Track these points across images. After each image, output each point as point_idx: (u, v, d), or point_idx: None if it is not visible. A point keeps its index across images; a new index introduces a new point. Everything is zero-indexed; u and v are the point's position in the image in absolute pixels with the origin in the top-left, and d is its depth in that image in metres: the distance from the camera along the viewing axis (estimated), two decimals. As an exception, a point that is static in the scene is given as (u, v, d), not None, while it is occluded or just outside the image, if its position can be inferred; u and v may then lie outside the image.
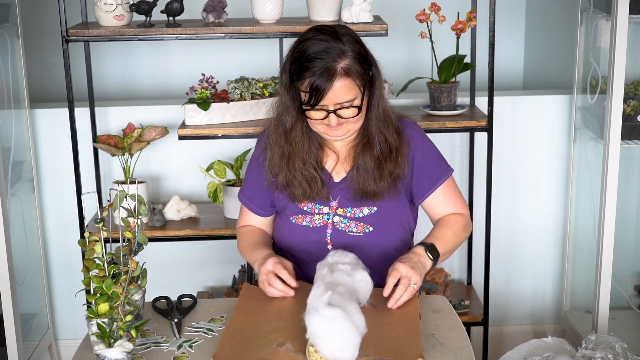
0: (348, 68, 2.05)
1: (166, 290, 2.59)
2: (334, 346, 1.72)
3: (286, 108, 2.16)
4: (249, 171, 2.35)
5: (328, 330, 1.72)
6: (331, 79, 2.04)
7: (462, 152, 3.41)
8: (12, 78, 3.10)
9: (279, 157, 2.20)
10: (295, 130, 2.17)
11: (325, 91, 2.04)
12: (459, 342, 1.90)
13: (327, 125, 2.11)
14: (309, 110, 2.09)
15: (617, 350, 2.59)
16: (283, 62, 2.16)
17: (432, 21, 2.99)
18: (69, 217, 3.29)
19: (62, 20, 2.84)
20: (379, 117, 2.16)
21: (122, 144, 3.03)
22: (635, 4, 2.83)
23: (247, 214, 2.37)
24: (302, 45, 2.10)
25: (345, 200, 2.22)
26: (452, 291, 3.34)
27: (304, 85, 2.07)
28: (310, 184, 2.19)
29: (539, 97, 3.42)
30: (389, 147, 2.18)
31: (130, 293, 1.86)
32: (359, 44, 2.11)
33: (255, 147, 2.33)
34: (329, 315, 1.73)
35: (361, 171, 2.18)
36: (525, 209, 3.49)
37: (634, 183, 3.38)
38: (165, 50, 4.00)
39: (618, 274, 3.20)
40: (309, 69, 2.05)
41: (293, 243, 2.26)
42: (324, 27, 2.12)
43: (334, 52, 2.05)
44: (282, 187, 2.22)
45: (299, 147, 2.18)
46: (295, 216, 2.25)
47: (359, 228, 2.22)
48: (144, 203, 1.93)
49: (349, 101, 2.07)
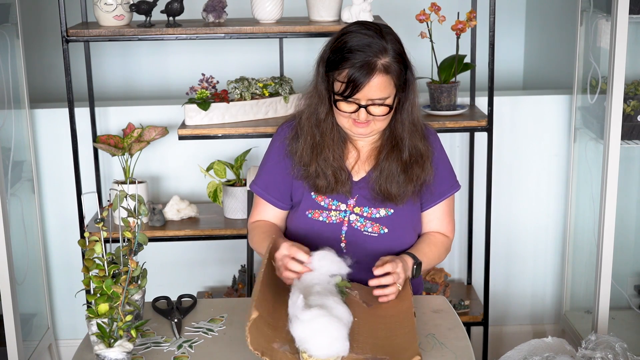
0: (388, 65, 2.06)
1: (166, 290, 2.59)
2: (323, 344, 1.73)
3: (321, 98, 2.16)
4: (268, 162, 2.31)
5: (311, 333, 1.74)
6: (370, 73, 2.04)
7: (462, 152, 3.41)
8: (12, 78, 3.10)
9: (310, 147, 2.20)
10: (327, 121, 2.18)
11: (362, 84, 2.05)
12: (459, 342, 1.90)
13: (353, 120, 2.12)
14: (341, 101, 2.09)
15: (617, 350, 2.59)
16: (321, 52, 2.16)
17: (432, 21, 2.99)
18: (69, 217, 3.29)
19: (62, 20, 2.84)
20: (412, 122, 2.18)
21: (122, 144, 3.03)
22: (635, 4, 2.83)
23: (262, 207, 2.32)
24: (345, 36, 2.10)
25: (363, 199, 2.23)
26: (452, 291, 3.34)
27: (342, 76, 2.07)
28: (337, 177, 2.19)
29: (539, 97, 3.42)
30: (418, 152, 2.19)
31: (130, 293, 1.86)
32: (400, 45, 2.12)
33: (275, 138, 2.31)
34: (308, 318, 1.75)
35: (385, 174, 2.18)
36: (525, 209, 3.49)
37: (634, 183, 3.38)
38: (165, 50, 4.00)
39: (618, 274, 3.20)
40: (349, 60, 2.05)
41: (306, 238, 2.25)
42: (369, 23, 2.13)
43: (376, 48, 2.06)
44: (310, 177, 2.21)
45: (330, 138, 2.18)
46: (311, 210, 2.24)
47: (374, 228, 2.22)
48: (144, 203, 1.93)
49: (382, 99, 2.08)
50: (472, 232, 3.41)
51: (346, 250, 2.22)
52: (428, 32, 3.00)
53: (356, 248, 2.22)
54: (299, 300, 1.79)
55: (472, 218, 3.39)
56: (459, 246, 3.47)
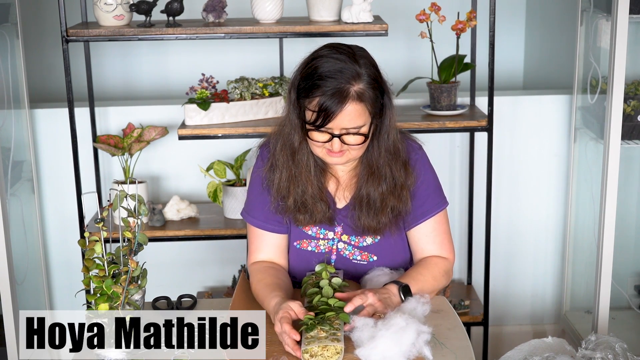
0: (362, 92, 1.95)
1: (166, 290, 2.59)
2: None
3: (293, 127, 2.04)
4: (255, 189, 2.19)
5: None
6: (343, 101, 1.93)
7: (462, 152, 3.41)
8: (12, 78, 3.10)
9: (286, 181, 2.09)
10: (302, 151, 2.06)
11: (335, 114, 1.93)
12: (459, 342, 1.90)
13: (327, 150, 2.01)
14: (313, 130, 1.98)
15: (617, 350, 2.59)
16: (292, 78, 2.06)
17: (432, 21, 2.99)
18: (69, 217, 3.28)
19: (62, 20, 2.84)
20: (388, 150, 2.06)
21: (122, 144, 3.03)
22: (635, 4, 2.83)
23: (257, 238, 2.19)
24: (315, 61, 1.98)
25: (348, 227, 2.15)
26: (452, 291, 3.34)
27: (313, 104, 1.96)
28: (318, 207, 2.10)
29: (539, 97, 3.42)
30: (394, 182, 2.08)
31: (130, 293, 1.86)
32: (375, 69, 2.00)
33: (254, 166, 2.21)
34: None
35: (363, 205, 2.09)
36: (525, 209, 3.49)
37: (634, 183, 3.38)
38: (165, 50, 4.00)
39: (618, 274, 3.20)
40: (320, 88, 1.94)
41: (298, 268, 2.18)
42: (341, 46, 2.01)
43: (348, 74, 1.94)
44: (289, 211, 2.11)
45: (306, 169, 2.08)
46: (299, 241, 2.17)
47: (362, 257, 2.17)
48: (144, 203, 1.92)
49: (357, 127, 1.97)
50: (472, 232, 3.41)
51: None
52: (428, 32, 3.00)
53: (347, 276, 2.15)
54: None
55: (472, 218, 3.39)
56: (459, 246, 3.47)
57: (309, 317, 1.84)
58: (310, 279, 2.05)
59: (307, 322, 1.83)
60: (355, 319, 1.85)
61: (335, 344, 1.78)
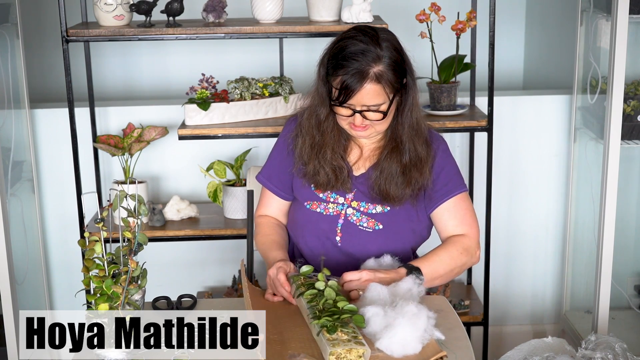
0: (380, 74, 2.10)
1: (166, 290, 2.59)
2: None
3: (322, 99, 2.21)
4: (276, 153, 2.38)
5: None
6: (362, 81, 2.09)
7: (462, 152, 3.41)
8: (12, 78, 3.10)
9: (309, 146, 2.25)
10: (328, 121, 2.23)
11: (354, 92, 2.10)
12: (459, 342, 1.90)
13: (351, 124, 2.17)
14: (337, 106, 2.14)
15: (617, 350, 2.59)
16: (322, 54, 2.21)
17: (432, 21, 2.99)
18: (69, 217, 3.28)
19: (62, 20, 2.84)
20: (411, 125, 2.21)
21: (122, 144, 3.03)
22: (635, 4, 2.83)
23: (267, 198, 2.40)
24: (342, 42, 2.14)
25: (361, 194, 2.27)
26: (452, 291, 3.34)
27: (336, 82, 2.12)
28: (337, 174, 2.24)
29: (539, 97, 3.42)
30: (417, 156, 2.22)
31: (130, 293, 1.86)
32: (397, 52, 2.15)
33: (282, 131, 2.38)
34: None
35: (385, 174, 2.22)
36: (525, 209, 3.49)
37: (634, 183, 3.38)
38: (165, 50, 4.00)
39: (618, 274, 3.20)
40: (343, 67, 2.10)
41: (304, 228, 2.30)
42: (367, 29, 2.17)
43: (370, 56, 2.10)
44: (309, 175, 2.26)
45: (330, 137, 2.24)
46: (310, 202, 2.30)
47: (369, 224, 2.25)
48: (144, 203, 1.92)
49: (376, 105, 2.13)
50: (472, 232, 3.41)
51: (341, 244, 2.26)
52: (428, 32, 3.00)
53: (351, 242, 2.26)
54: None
55: (472, 218, 3.39)
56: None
57: (328, 319, 1.84)
58: (299, 279, 2.06)
59: (327, 324, 1.83)
60: (365, 310, 1.90)
61: (358, 348, 1.78)
